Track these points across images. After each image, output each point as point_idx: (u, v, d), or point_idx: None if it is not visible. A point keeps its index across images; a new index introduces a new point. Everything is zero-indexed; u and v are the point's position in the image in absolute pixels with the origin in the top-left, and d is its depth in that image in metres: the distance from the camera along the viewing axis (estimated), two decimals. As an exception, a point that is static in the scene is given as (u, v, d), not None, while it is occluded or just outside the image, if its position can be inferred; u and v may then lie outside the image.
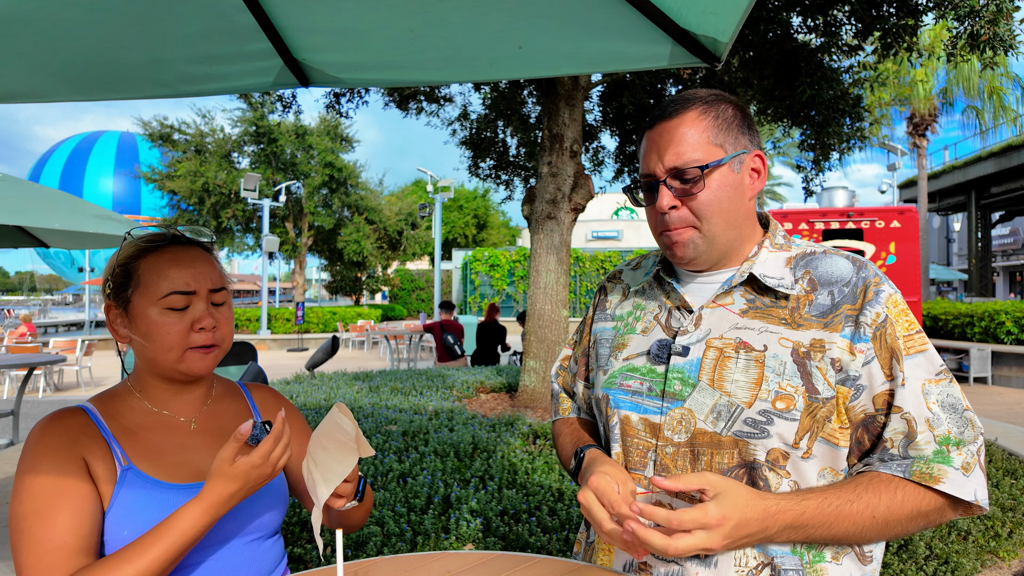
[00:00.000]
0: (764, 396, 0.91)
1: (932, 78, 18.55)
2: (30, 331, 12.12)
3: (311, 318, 20.29)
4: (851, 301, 0.93)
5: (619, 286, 1.20)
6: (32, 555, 0.86)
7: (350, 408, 4.93)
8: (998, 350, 10.28)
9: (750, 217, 1.02)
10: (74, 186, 28.22)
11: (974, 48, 4.29)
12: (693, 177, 0.95)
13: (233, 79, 1.69)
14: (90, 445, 0.94)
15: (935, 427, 0.88)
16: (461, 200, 33.62)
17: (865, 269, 0.97)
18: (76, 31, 1.44)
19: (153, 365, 1.01)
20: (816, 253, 1.01)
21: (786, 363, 0.92)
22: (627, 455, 1.02)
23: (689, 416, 0.96)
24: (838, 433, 0.92)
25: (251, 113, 21.79)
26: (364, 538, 2.72)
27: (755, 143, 1.01)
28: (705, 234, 0.98)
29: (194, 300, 1.00)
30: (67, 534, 0.88)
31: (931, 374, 0.91)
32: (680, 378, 0.98)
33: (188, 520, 0.89)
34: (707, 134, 0.96)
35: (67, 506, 0.89)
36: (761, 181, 1.01)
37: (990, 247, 24.47)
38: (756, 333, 0.95)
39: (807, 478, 0.92)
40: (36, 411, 8.44)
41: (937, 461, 0.87)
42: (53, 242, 4.45)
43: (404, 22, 1.40)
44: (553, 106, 5.75)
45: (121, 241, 1.03)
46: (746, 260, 1.01)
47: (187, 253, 1.02)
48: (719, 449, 0.93)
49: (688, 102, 0.99)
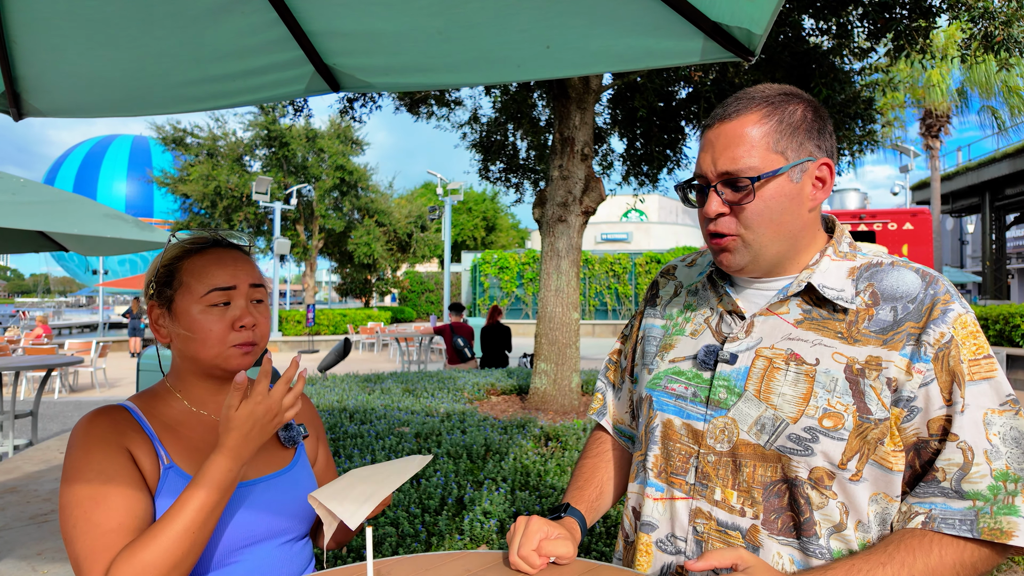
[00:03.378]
0: (811, 412, 0.88)
1: (948, 78, 18.40)
2: (46, 333, 12.27)
3: (321, 320, 20.41)
4: (915, 319, 0.87)
5: (672, 283, 1.15)
6: (90, 537, 0.88)
7: (362, 410, 4.96)
8: (1013, 353, 10.17)
9: (809, 227, 0.95)
10: (88, 190, 28.55)
11: (988, 49, 4.27)
12: (744, 186, 0.90)
13: (267, 89, 1.72)
14: (136, 439, 0.97)
15: (992, 460, 0.82)
16: (470, 203, 33.69)
17: (935, 285, 0.89)
18: (117, 54, 1.51)
19: (194, 363, 1.03)
20: (883, 265, 0.94)
21: (838, 379, 0.88)
22: (668, 459, 1.01)
23: (732, 426, 0.93)
24: (891, 456, 0.87)
25: (263, 117, 21.98)
26: (379, 539, 2.75)
27: (824, 148, 0.93)
28: (751, 244, 0.93)
29: (235, 296, 1.02)
30: (124, 515, 0.90)
31: (995, 403, 0.84)
32: (726, 386, 0.95)
33: (216, 468, 0.90)
34: (767, 139, 0.90)
35: (121, 491, 0.91)
36: (825, 191, 0.94)
37: (1005, 249, 24.19)
38: (809, 346, 0.91)
39: (857, 501, 0.88)
40: (52, 411, 8.55)
41: (1004, 513, 0.80)
42: (71, 246, 4.51)
43: (431, 24, 1.41)
44: (564, 109, 5.77)
45: (165, 244, 1.07)
46: (806, 268, 0.95)
47: (228, 254, 1.06)
48: (762, 462, 0.90)
49: (752, 101, 0.92)
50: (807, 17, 5.44)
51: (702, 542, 0.95)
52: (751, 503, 0.91)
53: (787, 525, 0.90)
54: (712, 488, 0.94)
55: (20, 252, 4.58)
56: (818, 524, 0.88)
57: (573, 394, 5.77)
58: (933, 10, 4.76)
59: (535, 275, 23.15)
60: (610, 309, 23.79)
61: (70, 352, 10.63)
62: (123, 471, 0.92)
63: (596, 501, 1.16)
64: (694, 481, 0.96)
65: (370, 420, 4.69)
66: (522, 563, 0.93)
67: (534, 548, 0.94)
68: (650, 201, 29.84)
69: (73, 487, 0.91)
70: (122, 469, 0.92)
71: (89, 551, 0.87)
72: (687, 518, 0.96)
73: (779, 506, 0.90)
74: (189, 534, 0.88)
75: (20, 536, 3.63)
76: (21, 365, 5.68)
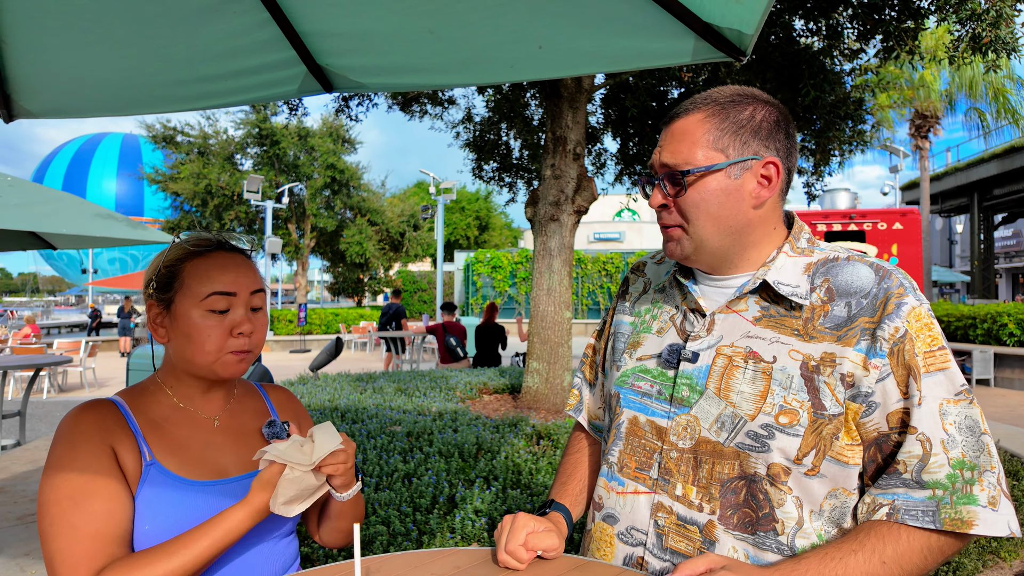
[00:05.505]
0: (768, 410, 0.90)
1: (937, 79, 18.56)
2: (34, 332, 12.18)
3: (313, 319, 20.33)
4: (869, 314, 0.89)
5: (641, 279, 1.19)
6: (65, 541, 0.88)
7: (354, 409, 4.95)
8: (1001, 352, 10.27)
9: (760, 224, 0.97)
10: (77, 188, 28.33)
11: (976, 51, 4.31)
12: (679, 180, 0.95)
13: (259, 90, 1.72)
14: (120, 436, 0.97)
15: (949, 449, 0.84)
16: (463, 202, 33.64)
17: (888, 279, 0.91)
18: (108, 53, 1.51)
19: (188, 364, 1.04)
20: (839, 260, 0.96)
21: (793, 377, 0.89)
22: (633, 455, 1.03)
23: (695, 423, 0.95)
24: (847, 451, 0.89)
25: (254, 115, 21.87)
26: (370, 537, 2.75)
27: (774, 148, 0.95)
28: (692, 236, 0.97)
29: (235, 303, 1.03)
30: (102, 521, 0.90)
31: (950, 393, 0.86)
32: (688, 384, 0.97)
33: (233, 521, 0.93)
34: (708, 137, 0.94)
35: (101, 494, 0.91)
36: (771, 189, 0.96)
37: (993, 249, 24.42)
38: (767, 343, 0.93)
39: (813, 496, 0.90)
40: (41, 411, 8.48)
41: (964, 503, 0.83)
42: (61, 244, 4.48)
43: (423, 23, 1.41)
44: (556, 108, 5.78)
45: (170, 242, 1.09)
46: (763, 265, 0.97)
47: (231, 259, 1.06)
48: (720, 459, 0.92)
49: (704, 101, 0.96)
50: (797, 18, 5.47)
51: (662, 535, 0.97)
52: (708, 499, 0.94)
53: (743, 521, 0.92)
54: (673, 484, 0.97)
55: (8, 250, 4.54)
56: (778, 521, 0.90)
57: (565, 393, 5.78)
58: (922, 11, 4.81)
59: (528, 274, 23.16)
60: (602, 308, 23.84)
61: (59, 352, 10.54)
62: (105, 472, 0.92)
63: (580, 495, 1.18)
64: (657, 476, 0.99)
65: (361, 419, 4.68)
66: (510, 559, 0.94)
67: (521, 543, 0.95)
68: (642, 201, 29.81)
69: (54, 483, 0.91)
70: (104, 470, 0.93)
71: (66, 555, 0.87)
72: (649, 512, 0.99)
73: (735, 502, 0.92)
74: (186, 571, 0.90)
75: (7, 537, 3.61)
76: (9, 365, 5.64)
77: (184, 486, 0.98)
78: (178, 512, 0.96)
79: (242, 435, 1.10)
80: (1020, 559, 3.03)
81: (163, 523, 0.95)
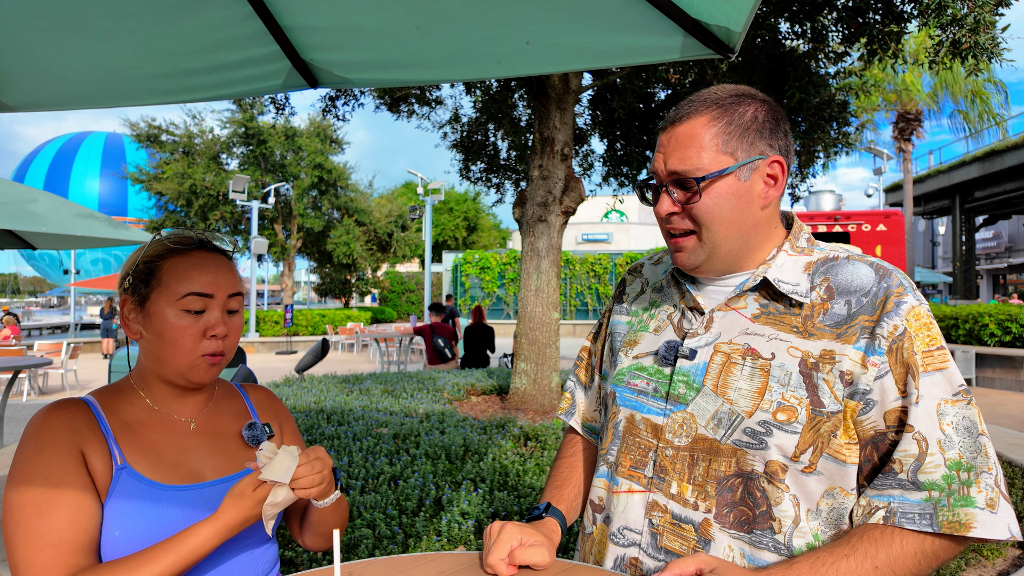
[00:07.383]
0: (766, 406, 0.89)
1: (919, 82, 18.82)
2: (14, 334, 11.97)
3: (300, 320, 20.18)
4: (869, 312, 0.89)
5: (638, 280, 1.18)
6: (30, 549, 0.85)
7: (340, 411, 4.91)
8: (982, 352, 10.41)
9: (765, 224, 0.98)
10: (60, 187, 27.90)
11: (956, 56, 4.37)
12: (691, 187, 0.93)
13: (242, 84, 1.69)
14: (90, 438, 0.94)
15: (946, 450, 0.83)
16: (452, 203, 33.59)
17: (888, 278, 0.91)
18: (89, 46, 1.47)
19: (160, 366, 1.01)
20: (839, 259, 0.96)
21: (792, 373, 0.89)
22: (628, 453, 1.01)
23: (691, 421, 0.95)
24: (845, 449, 0.88)
25: (241, 115, 21.66)
26: (356, 541, 2.72)
27: (777, 147, 0.96)
28: (705, 242, 0.96)
29: (211, 305, 1.00)
30: (67, 530, 0.87)
31: (948, 393, 0.85)
32: (685, 381, 0.96)
33: (200, 538, 0.89)
34: (716, 140, 0.93)
35: (67, 500, 0.88)
36: (778, 188, 0.96)
37: (974, 250, 24.80)
38: (765, 340, 0.93)
39: (810, 494, 0.89)
40: (20, 415, 8.33)
41: (961, 505, 0.81)
42: (41, 244, 4.41)
43: (409, 18, 1.39)
44: (544, 109, 5.78)
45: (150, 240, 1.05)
46: (763, 263, 0.97)
47: (211, 259, 1.03)
48: (717, 456, 0.92)
49: (704, 104, 0.95)
50: (783, 21, 5.52)
51: (657, 534, 0.96)
52: (704, 497, 0.93)
53: (739, 519, 0.91)
54: (669, 482, 0.96)
55: (-14, 250, 4.46)
56: (775, 519, 0.89)
57: (553, 394, 5.78)
58: (905, 16, 4.87)
59: (516, 275, 23.16)
60: (591, 309, 23.89)
61: (39, 353, 10.37)
62: (71, 477, 0.90)
63: (575, 500, 1.16)
64: (652, 474, 0.98)
65: (348, 421, 4.64)
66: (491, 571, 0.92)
67: (503, 557, 0.92)
68: (630, 202, 29.97)
69: (19, 488, 0.88)
70: (71, 475, 0.90)
71: (30, 564, 0.85)
72: (643, 511, 0.98)
73: (732, 500, 0.91)
74: None
75: (-15, 542, 3.53)
76: (-13, 367, 5.53)
77: (156, 491, 0.95)
78: (149, 518, 0.93)
79: (219, 438, 1.07)
80: (1003, 558, 3.06)
81: (133, 529, 0.92)
